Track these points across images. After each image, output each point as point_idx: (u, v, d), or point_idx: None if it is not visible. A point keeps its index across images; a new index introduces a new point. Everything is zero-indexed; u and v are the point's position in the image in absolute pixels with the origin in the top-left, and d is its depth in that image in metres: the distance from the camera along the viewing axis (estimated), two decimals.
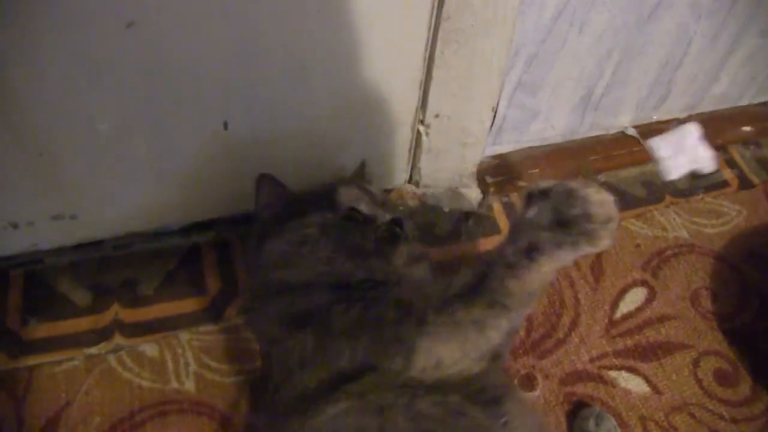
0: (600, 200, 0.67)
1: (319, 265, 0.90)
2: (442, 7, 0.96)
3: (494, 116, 1.16)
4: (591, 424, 1.00)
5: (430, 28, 0.99)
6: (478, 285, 0.74)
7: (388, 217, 0.95)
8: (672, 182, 1.36)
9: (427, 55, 1.03)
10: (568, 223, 0.67)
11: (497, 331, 0.76)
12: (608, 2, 1.09)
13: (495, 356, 0.80)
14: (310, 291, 0.87)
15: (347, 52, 0.97)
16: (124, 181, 1.05)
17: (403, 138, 1.16)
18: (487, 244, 1.23)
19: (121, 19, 0.83)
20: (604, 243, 0.67)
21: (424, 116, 1.13)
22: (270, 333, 0.92)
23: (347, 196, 0.98)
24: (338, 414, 0.75)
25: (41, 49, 0.83)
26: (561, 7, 1.07)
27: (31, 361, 1.03)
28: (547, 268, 0.70)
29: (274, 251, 0.95)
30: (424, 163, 1.21)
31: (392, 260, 0.90)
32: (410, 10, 0.96)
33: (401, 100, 1.09)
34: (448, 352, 0.75)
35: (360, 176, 1.13)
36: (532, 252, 0.70)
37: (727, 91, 1.40)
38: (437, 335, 0.75)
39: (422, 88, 1.08)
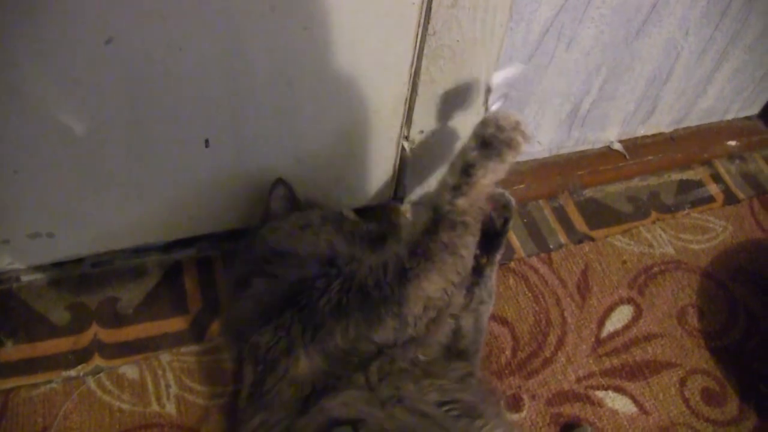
0: (504, 114, 0.83)
1: (320, 244, 0.96)
2: (428, 22, 0.95)
3: None
4: None
5: (416, 43, 0.98)
6: (435, 217, 0.83)
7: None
8: (657, 197, 1.36)
9: (413, 71, 1.02)
10: (489, 142, 0.82)
11: (467, 249, 0.85)
12: (597, 18, 1.08)
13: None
14: (303, 263, 0.92)
15: (333, 68, 0.96)
16: (103, 199, 1.02)
17: (388, 154, 1.14)
18: None
19: (100, 36, 0.81)
20: (519, 144, 0.82)
21: (408, 132, 1.11)
22: (248, 322, 0.92)
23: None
24: (344, 403, 0.80)
25: (18, 65, 0.81)
26: (549, 23, 1.06)
27: (7, 384, 1.00)
28: (485, 180, 0.82)
29: (279, 229, 0.99)
30: (409, 179, 1.19)
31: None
32: (396, 26, 0.94)
33: (386, 116, 1.07)
34: (432, 286, 0.83)
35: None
36: (468, 170, 0.82)
37: (713, 105, 1.40)
38: (418, 275, 0.82)
39: (407, 104, 1.07)
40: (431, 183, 1.20)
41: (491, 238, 1.01)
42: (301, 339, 0.85)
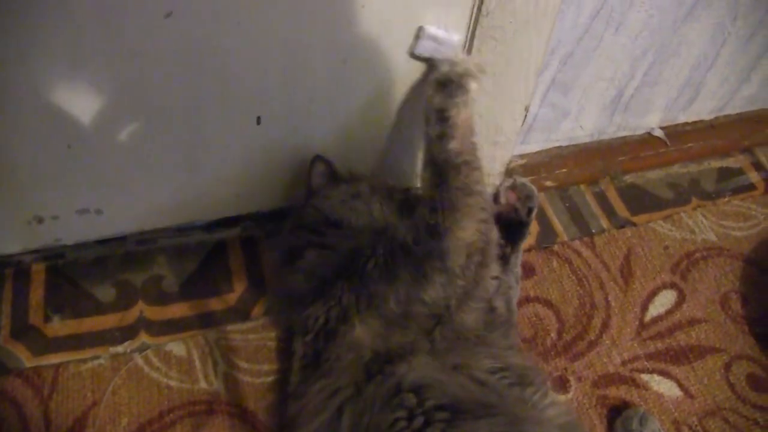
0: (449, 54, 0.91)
1: (373, 213, 0.97)
2: (482, 3, 0.94)
3: (526, 115, 1.14)
4: (635, 423, 0.99)
5: (469, 24, 0.97)
6: (437, 169, 0.88)
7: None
8: (697, 184, 1.36)
9: (465, 52, 1.02)
10: (448, 81, 0.87)
11: (479, 183, 0.88)
12: (647, 1, 1.08)
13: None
14: (356, 233, 0.94)
15: (387, 46, 0.95)
16: (153, 176, 1.02)
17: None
18: None
19: (159, 10, 0.81)
20: (475, 70, 0.89)
21: None
22: (299, 294, 0.94)
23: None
24: (413, 369, 0.82)
25: (78, 38, 0.81)
26: (599, 6, 1.06)
27: (56, 358, 1.01)
28: (463, 116, 0.87)
29: (330, 197, 1.00)
30: None
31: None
32: (452, 6, 0.94)
33: None
34: (465, 232, 0.85)
35: None
36: (442, 114, 0.87)
37: (756, 92, 1.39)
38: (448, 227, 0.84)
39: None
40: None
41: (516, 227, 1.04)
42: (355, 306, 0.87)
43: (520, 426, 0.78)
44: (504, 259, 1.01)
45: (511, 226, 1.03)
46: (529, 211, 1.04)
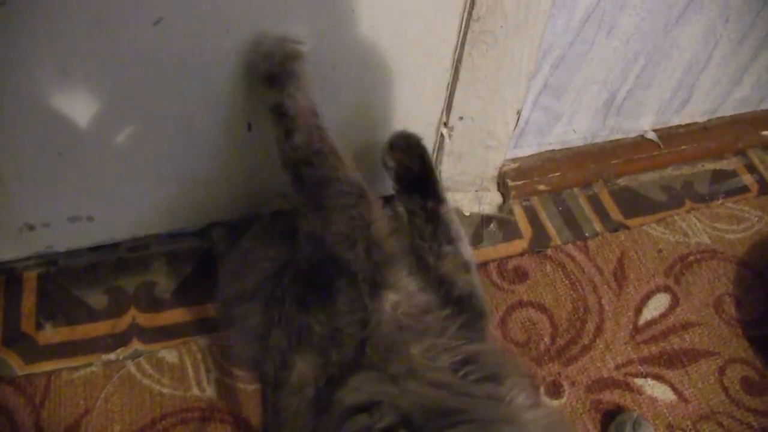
0: (261, 42, 0.85)
1: (265, 263, 0.89)
2: (473, 8, 0.95)
3: (518, 119, 1.14)
4: (629, 428, 0.99)
5: (460, 29, 0.98)
6: (292, 170, 0.84)
7: None
8: (691, 186, 1.35)
9: (456, 57, 1.02)
10: (272, 75, 0.83)
11: (336, 168, 0.83)
12: (638, 5, 1.07)
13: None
14: (255, 293, 0.87)
15: (377, 52, 0.96)
16: (145, 182, 1.03)
17: (426, 139, 1.13)
18: (509, 248, 1.22)
19: (148, 17, 0.81)
20: (298, 53, 0.85)
21: (448, 118, 1.11)
22: (246, 351, 0.90)
23: (270, 206, 1.02)
24: (355, 388, 0.74)
25: (68, 45, 0.81)
26: (590, 9, 1.06)
27: (48, 366, 1.01)
28: (295, 104, 0.83)
29: (225, 275, 0.95)
30: (446, 165, 1.19)
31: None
32: (442, 11, 0.94)
33: (427, 102, 1.07)
34: (340, 225, 0.80)
35: None
36: (279, 109, 0.83)
37: (749, 94, 1.39)
38: (324, 226, 0.80)
39: (448, 90, 1.07)
40: (466, 169, 1.20)
41: (421, 182, 0.95)
42: (289, 348, 0.81)
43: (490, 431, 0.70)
44: (433, 218, 0.92)
45: (413, 183, 0.95)
46: (421, 159, 0.95)
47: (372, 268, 0.80)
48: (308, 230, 0.81)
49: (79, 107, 0.89)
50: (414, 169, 0.95)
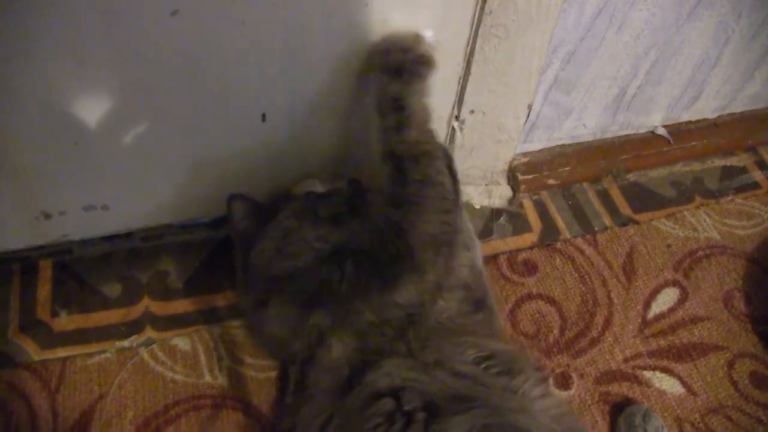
0: (398, 36, 0.86)
1: (313, 245, 0.91)
2: (485, 1, 0.95)
3: (529, 113, 1.15)
4: (638, 420, 1.00)
5: (472, 22, 0.98)
6: (395, 162, 0.85)
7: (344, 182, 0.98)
8: (700, 182, 1.36)
9: (468, 50, 1.02)
10: (401, 68, 0.84)
11: (441, 173, 0.86)
12: (649, 1, 1.08)
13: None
14: (307, 273, 0.89)
15: None
16: (159, 172, 1.04)
17: (437, 133, 1.14)
18: (519, 242, 1.22)
19: (165, 7, 0.82)
20: (430, 57, 0.86)
21: (459, 112, 1.12)
22: (280, 342, 0.92)
23: (302, 188, 1.03)
24: (387, 374, 0.79)
25: (84, 36, 0.82)
26: (601, 5, 1.06)
27: (63, 352, 1.02)
28: (415, 102, 0.84)
29: (264, 251, 0.93)
30: (457, 159, 1.19)
31: (366, 213, 0.92)
32: (454, 4, 0.95)
33: (439, 95, 1.07)
34: (429, 226, 0.83)
35: None
36: (398, 103, 0.84)
37: (760, 91, 1.39)
38: (412, 222, 0.82)
39: (460, 84, 1.08)
40: (477, 163, 1.21)
41: None
42: (331, 328, 0.85)
43: (502, 417, 0.75)
44: None
45: None
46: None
47: (443, 273, 0.84)
48: (386, 217, 0.83)
49: (95, 98, 0.90)
50: None
